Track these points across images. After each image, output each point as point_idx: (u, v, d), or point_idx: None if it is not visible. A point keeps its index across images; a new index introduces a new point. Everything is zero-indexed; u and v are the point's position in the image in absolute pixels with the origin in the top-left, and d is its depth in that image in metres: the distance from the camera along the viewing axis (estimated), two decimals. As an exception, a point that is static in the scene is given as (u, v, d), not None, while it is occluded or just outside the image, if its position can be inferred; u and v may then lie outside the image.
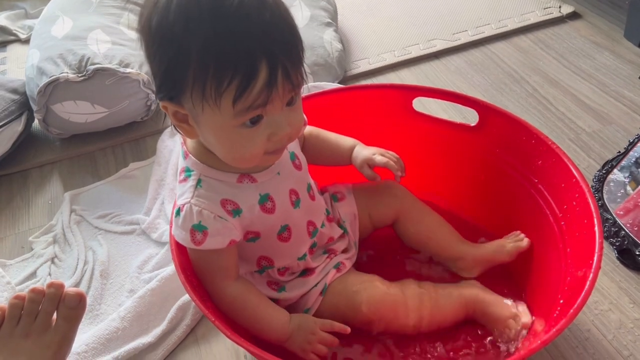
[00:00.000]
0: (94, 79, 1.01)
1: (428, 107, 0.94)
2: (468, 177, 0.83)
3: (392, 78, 1.22)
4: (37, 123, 1.10)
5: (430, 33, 1.33)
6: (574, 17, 1.35)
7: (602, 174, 0.91)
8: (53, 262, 0.89)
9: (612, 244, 0.83)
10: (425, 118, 0.84)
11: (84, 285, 0.84)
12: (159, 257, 0.86)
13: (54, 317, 0.65)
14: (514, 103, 1.12)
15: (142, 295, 0.79)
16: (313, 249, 0.72)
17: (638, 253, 0.80)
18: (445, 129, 0.83)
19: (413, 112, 0.84)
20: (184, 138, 0.62)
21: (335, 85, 1.14)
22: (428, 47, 1.28)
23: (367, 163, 0.72)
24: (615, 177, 0.89)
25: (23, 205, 1.00)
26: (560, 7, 1.36)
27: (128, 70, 1.03)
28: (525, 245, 0.74)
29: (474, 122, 0.80)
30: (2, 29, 1.45)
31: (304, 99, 0.68)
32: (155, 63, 0.54)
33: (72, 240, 0.91)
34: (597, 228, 0.61)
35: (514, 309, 0.67)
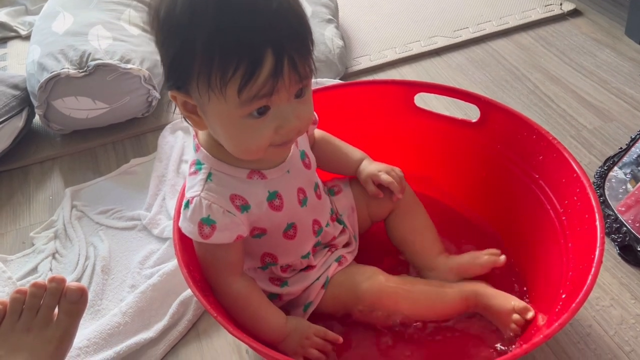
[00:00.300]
0: (95, 75, 1.01)
1: (429, 103, 0.94)
2: (469, 172, 0.83)
3: (393, 75, 1.22)
4: (37, 119, 1.09)
5: (431, 30, 1.33)
6: (575, 14, 1.35)
7: (603, 171, 0.91)
8: (54, 257, 0.89)
9: (613, 240, 0.83)
10: (427, 114, 0.84)
11: (85, 281, 0.84)
12: (161, 252, 0.86)
13: (56, 311, 0.65)
14: (515, 100, 1.12)
15: (143, 291, 0.79)
16: (316, 248, 0.72)
17: (639, 249, 0.80)
18: (447, 125, 0.83)
19: (414, 108, 0.84)
20: (196, 131, 0.63)
21: (337, 82, 1.14)
22: (429, 43, 1.28)
23: (371, 179, 0.74)
24: (617, 174, 0.89)
25: (24, 201, 1.00)
26: (562, 4, 1.36)
27: (129, 66, 1.03)
28: (502, 262, 0.72)
29: (475, 118, 0.80)
30: (2, 25, 1.45)
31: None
32: (164, 52, 0.54)
33: (73, 236, 0.91)
34: (598, 223, 0.61)
35: (517, 302, 0.67)
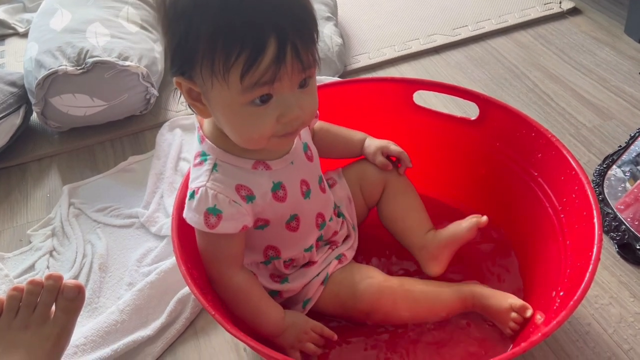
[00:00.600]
0: (93, 72, 1.01)
1: (428, 101, 0.94)
2: (468, 170, 0.83)
3: (392, 73, 1.21)
4: (35, 116, 1.09)
5: (431, 28, 1.32)
6: (575, 12, 1.34)
7: (602, 169, 0.91)
8: (51, 255, 0.88)
9: (612, 239, 0.83)
10: (426, 112, 0.83)
11: (83, 279, 0.84)
12: (158, 250, 0.86)
13: (53, 309, 0.65)
14: (515, 98, 1.11)
15: (141, 289, 0.79)
16: (319, 242, 0.72)
17: (638, 247, 0.79)
18: (446, 123, 0.83)
19: (414, 105, 0.84)
20: (200, 123, 0.63)
21: (335, 80, 1.14)
22: (428, 42, 1.28)
23: (381, 151, 0.75)
24: (616, 172, 0.89)
25: (21, 199, 1.00)
26: (561, 2, 1.36)
27: (127, 63, 1.02)
28: (485, 222, 0.72)
29: (474, 116, 0.80)
30: (0, 23, 1.45)
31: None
32: (168, 37, 0.55)
33: (70, 234, 0.91)
34: (596, 220, 0.61)
35: (515, 300, 0.67)
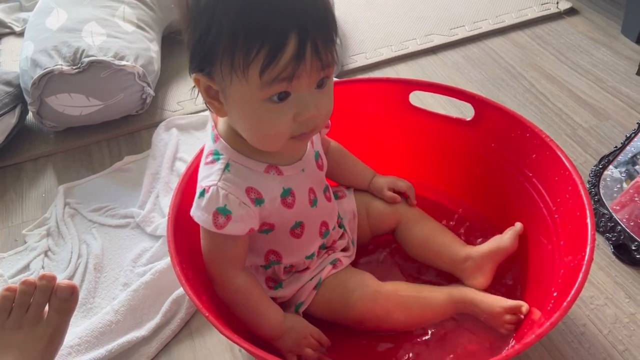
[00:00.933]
0: (89, 72, 1.01)
1: (425, 101, 0.94)
2: (463, 171, 0.83)
3: (389, 73, 1.21)
4: (31, 116, 1.09)
5: (428, 28, 1.32)
6: (572, 13, 1.34)
7: (598, 169, 0.91)
8: (46, 255, 0.88)
9: (608, 239, 0.83)
10: (422, 112, 0.83)
11: (78, 279, 0.84)
12: (154, 250, 0.86)
13: (46, 309, 0.64)
14: (511, 98, 1.11)
15: (136, 289, 0.79)
16: (321, 250, 0.72)
17: (634, 248, 0.79)
18: (441, 124, 0.83)
19: (409, 106, 0.83)
20: (215, 122, 0.63)
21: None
22: (425, 42, 1.28)
23: (387, 186, 0.78)
24: (612, 172, 0.89)
25: (17, 199, 1.00)
26: (558, 3, 1.36)
27: (123, 63, 1.02)
28: (520, 228, 0.73)
29: (470, 116, 0.80)
30: (-4, 22, 1.45)
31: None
32: (189, 32, 0.54)
33: (65, 234, 0.91)
34: (589, 220, 0.61)
35: (507, 303, 0.67)
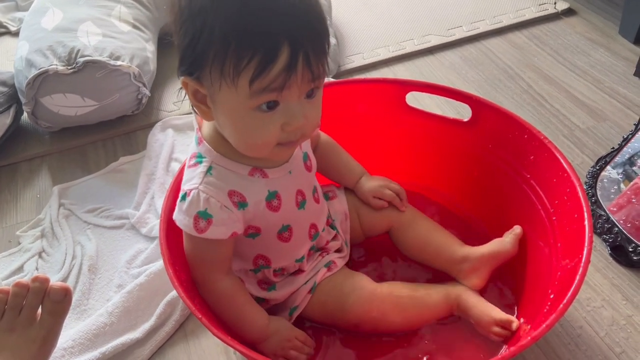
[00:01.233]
0: (84, 72, 1.00)
1: (422, 102, 0.93)
2: (461, 172, 0.83)
3: (386, 73, 1.21)
4: (26, 116, 1.08)
5: (425, 28, 1.32)
6: (569, 13, 1.34)
7: (595, 170, 0.90)
8: (40, 256, 0.88)
9: (605, 241, 0.82)
10: (419, 113, 0.83)
11: (72, 280, 0.83)
12: (148, 252, 0.85)
13: (39, 311, 0.64)
14: (508, 99, 1.11)
15: (130, 291, 0.78)
16: (311, 252, 0.71)
17: (631, 250, 0.79)
18: (438, 124, 0.82)
19: (406, 107, 0.83)
20: (199, 124, 0.62)
21: (329, 80, 1.13)
22: (422, 42, 1.27)
23: (372, 195, 0.75)
24: (609, 174, 0.89)
25: (11, 199, 0.99)
26: (556, 3, 1.35)
27: (118, 63, 1.01)
28: (520, 232, 0.73)
29: (467, 117, 0.79)
30: (-8, 22, 1.44)
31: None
32: (181, 35, 0.54)
33: (60, 235, 0.90)
34: (587, 222, 0.60)
35: (498, 315, 0.66)
